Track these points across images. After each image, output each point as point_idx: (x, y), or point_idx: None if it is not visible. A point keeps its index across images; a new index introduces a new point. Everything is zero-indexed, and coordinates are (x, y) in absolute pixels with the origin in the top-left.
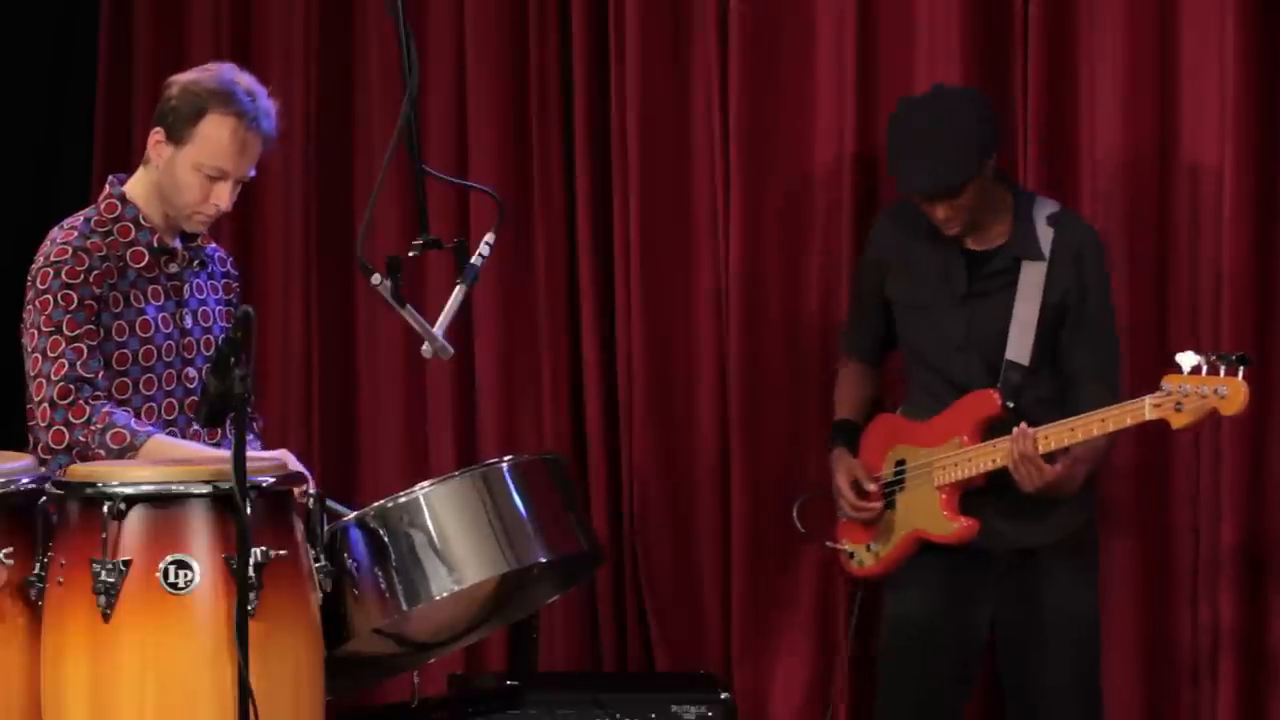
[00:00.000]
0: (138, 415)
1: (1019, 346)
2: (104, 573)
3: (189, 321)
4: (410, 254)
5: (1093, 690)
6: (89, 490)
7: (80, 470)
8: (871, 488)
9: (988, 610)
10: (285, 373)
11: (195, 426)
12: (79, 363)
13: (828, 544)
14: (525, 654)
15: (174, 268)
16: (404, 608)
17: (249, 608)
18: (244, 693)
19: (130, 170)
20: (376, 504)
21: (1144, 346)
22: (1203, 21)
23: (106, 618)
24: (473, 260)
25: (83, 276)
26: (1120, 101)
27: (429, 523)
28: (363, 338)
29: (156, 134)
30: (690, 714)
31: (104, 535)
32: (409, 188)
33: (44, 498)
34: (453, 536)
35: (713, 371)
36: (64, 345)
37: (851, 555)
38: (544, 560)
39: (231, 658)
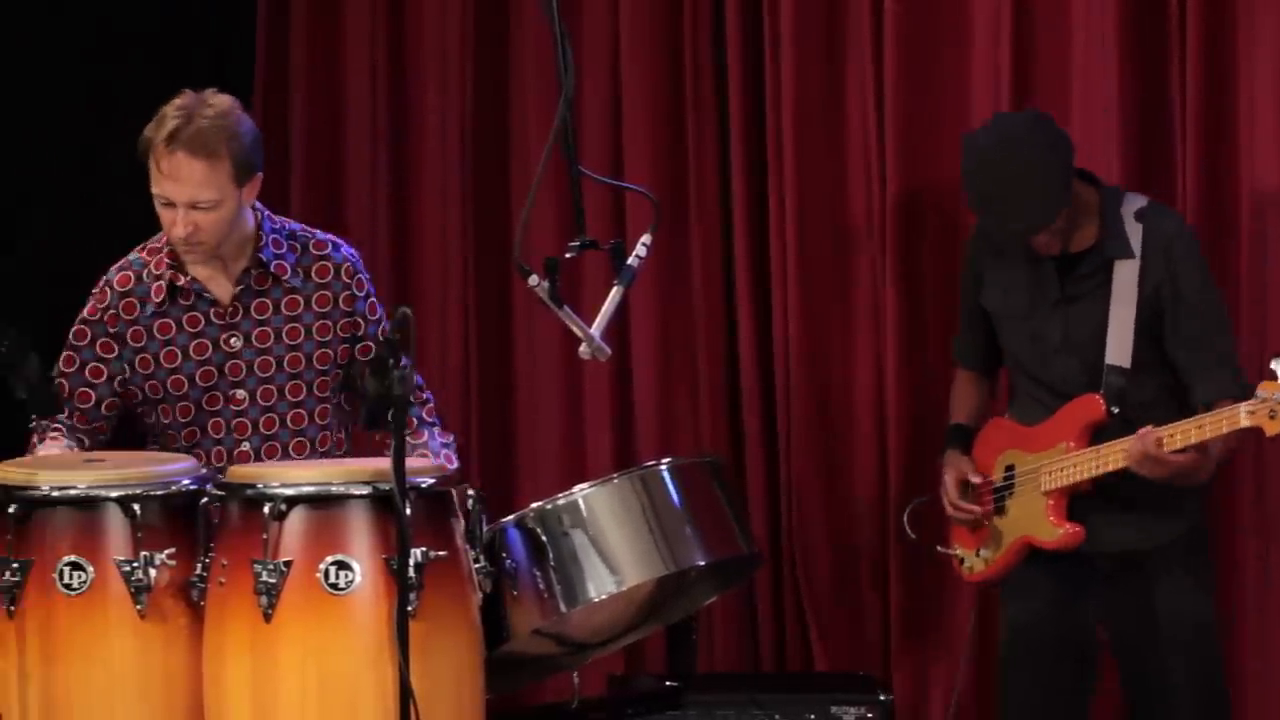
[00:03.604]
0: (179, 439)
1: (1118, 349)
2: (265, 573)
3: (237, 344)
4: (567, 255)
5: (1217, 692)
6: (250, 491)
7: (241, 471)
8: (976, 479)
9: (1099, 614)
10: (443, 375)
11: (244, 447)
12: None
13: (939, 549)
14: (684, 655)
15: (212, 297)
16: (563, 609)
17: (409, 608)
18: (405, 693)
19: (288, 177)
20: (535, 505)
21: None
22: None
23: (268, 618)
24: (629, 261)
25: (100, 314)
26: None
27: (588, 525)
28: (520, 339)
29: None
30: (849, 715)
31: (265, 536)
32: (565, 189)
33: (205, 499)
34: (612, 538)
35: (870, 372)
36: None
37: (963, 561)
38: (703, 563)
39: (392, 658)
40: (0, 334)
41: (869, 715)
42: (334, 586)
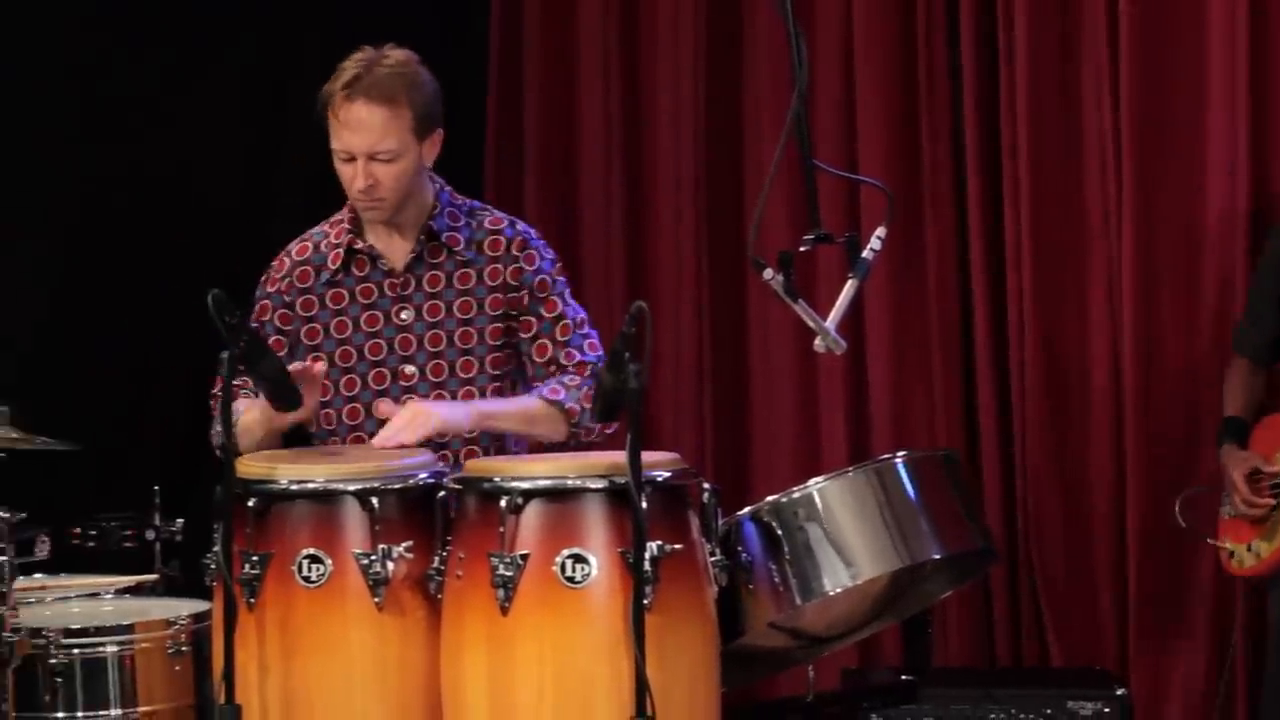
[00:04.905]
0: (338, 418)
1: None
2: (502, 566)
3: (408, 317)
4: (801, 249)
5: None
6: (486, 485)
7: (477, 465)
8: (1270, 468)
9: None
10: (677, 369)
11: None
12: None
13: (1209, 540)
14: (919, 649)
15: (386, 266)
16: (798, 602)
17: (645, 601)
18: (641, 686)
19: (521, 177)
20: (770, 499)
21: None
22: None
23: (505, 611)
24: (864, 254)
25: (278, 284)
26: None
27: (823, 518)
28: (754, 333)
29: None
30: (1086, 710)
31: (502, 529)
32: (799, 183)
33: (442, 492)
34: (847, 532)
35: (1106, 368)
36: None
37: (1232, 554)
38: (938, 556)
39: (628, 651)
40: (239, 333)
41: (1105, 710)
42: (570, 579)
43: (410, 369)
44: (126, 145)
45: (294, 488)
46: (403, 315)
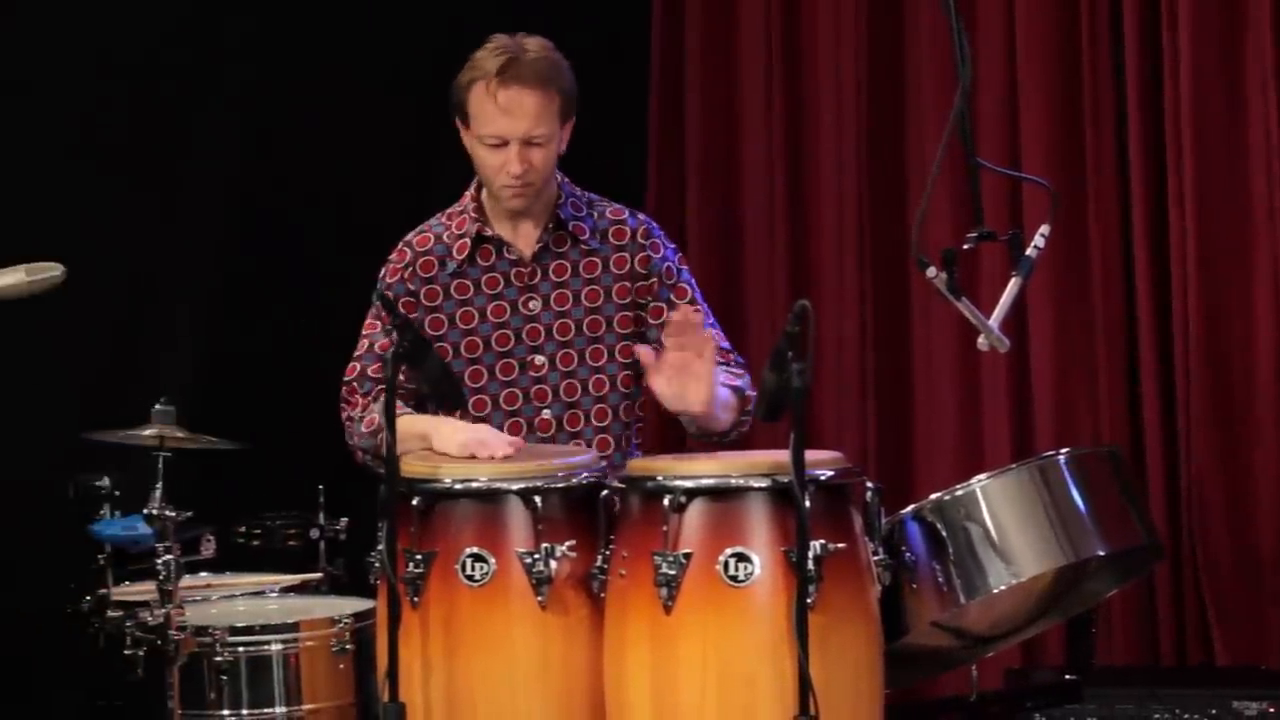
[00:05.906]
0: (465, 410)
1: None
2: (665, 565)
3: (536, 307)
4: (965, 246)
5: None
6: (650, 484)
7: (640, 464)
8: None
9: None
10: (840, 367)
11: (545, 414)
12: (369, 365)
13: None
14: (1083, 648)
15: (513, 254)
16: (962, 601)
17: (808, 600)
18: (804, 685)
19: (684, 176)
20: (933, 497)
21: None
22: None
23: (668, 610)
24: (1028, 252)
25: (400, 274)
26: None
27: (986, 515)
28: (917, 331)
29: (460, 127)
30: (1251, 710)
31: (665, 528)
32: (961, 181)
33: (605, 491)
34: (1010, 529)
35: (1271, 364)
36: (362, 347)
37: None
38: (1102, 553)
39: (791, 650)
40: (402, 332)
41: (1271, 711)
42: (733, 579)
43: (539, 359)
44: (291, 147)
45: (458, 487)
46: (530, 305)
